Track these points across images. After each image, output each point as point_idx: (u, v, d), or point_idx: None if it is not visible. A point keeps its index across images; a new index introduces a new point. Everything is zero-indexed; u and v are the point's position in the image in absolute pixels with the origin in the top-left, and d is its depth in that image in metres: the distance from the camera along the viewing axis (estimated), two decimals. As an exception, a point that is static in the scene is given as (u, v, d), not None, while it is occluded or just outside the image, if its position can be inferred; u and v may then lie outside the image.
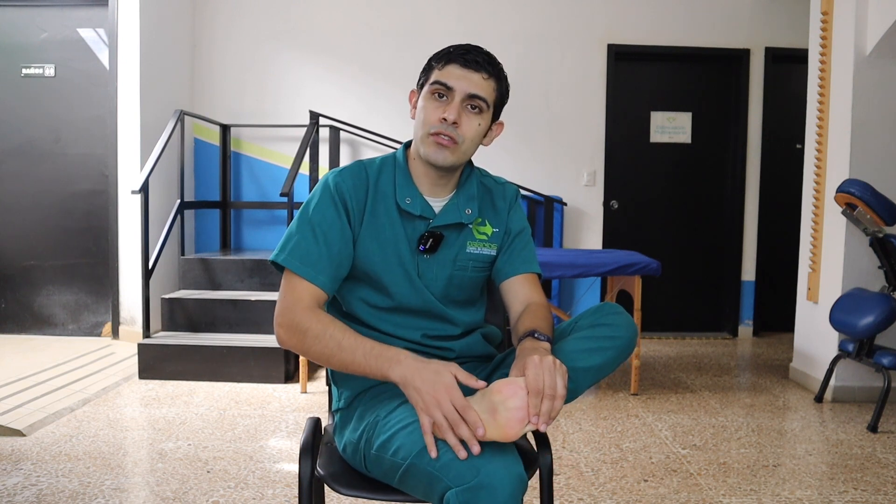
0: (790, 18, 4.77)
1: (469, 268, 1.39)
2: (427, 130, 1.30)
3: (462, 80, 1.29)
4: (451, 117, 1.27)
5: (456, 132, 1.29)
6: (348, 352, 1.19)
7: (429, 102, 1.31)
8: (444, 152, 1.30)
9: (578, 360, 1.23)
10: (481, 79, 1.30)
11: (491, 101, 1.32)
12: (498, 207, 1.44)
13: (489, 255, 1.41)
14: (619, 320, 1.28)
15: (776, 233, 4.95)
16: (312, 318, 1.23)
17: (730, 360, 4.26)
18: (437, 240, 1.35)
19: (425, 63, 1.36)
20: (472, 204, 1.39)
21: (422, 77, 1.36)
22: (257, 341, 3.63)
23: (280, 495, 2.21)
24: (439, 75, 1.30)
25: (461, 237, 1.38)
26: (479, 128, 1.32)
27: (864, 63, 3.26)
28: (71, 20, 4.37)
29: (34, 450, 2.57)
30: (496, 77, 1.32)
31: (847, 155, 3.31)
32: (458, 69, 1.29)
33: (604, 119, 4.84)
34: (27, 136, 4.43)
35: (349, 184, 1.33)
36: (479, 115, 1.31)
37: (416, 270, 1.35)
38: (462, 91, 1.29)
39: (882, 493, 2.29)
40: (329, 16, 4.80)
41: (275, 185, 4.81)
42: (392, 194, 1.35)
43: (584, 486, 2.31)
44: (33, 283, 4.48)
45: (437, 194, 1.38)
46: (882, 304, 2.99)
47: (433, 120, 1.29)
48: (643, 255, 3.47)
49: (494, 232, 1.42)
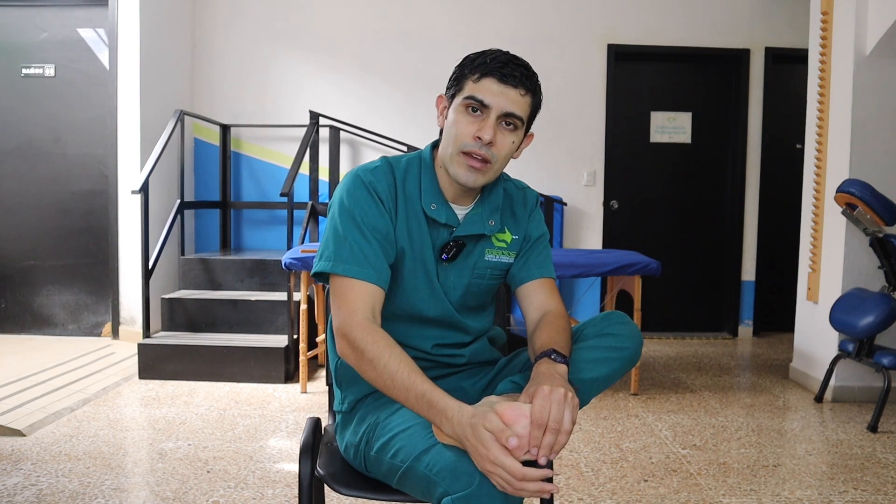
0: (790, 18, 4.77)
1: (487, 276, 1.37)
2: (459, 148, 1.24)
3: (499, 96, 1.21)
4: (487, 137, 1.21)
5: (490, 151, 1.23)
6: (401, 390, 1.13)
7: (462, 117, 1.24)
8: (475, 175, 1.25)
9: (584, 370, 1.21)
10: (519, 95, 1.23)
11: (526, 118, 1.27)
12: (517, 214, 1.41)
13: (507, 262, 1.39)
14: (625, 330, 1.25)
15: (776, 233, 4.95)
16: (368, 337, 1.16)
17: (730, 360, 4.26)
18: (459, 249, 1.32)
19: (456, 69, 1.28)
20: (495, 215, 1.36)
21: (452, 85, 1.28)
22: (257, 341, 3.62)
23: (280, 495, 2.21)
24: (474, 89, 1.23)
25: (480, 245, 1.36)
26: (513, 145, 1.27)
27: (864, 63, 3.26)
28: (71, 20, 4.37)
29: (34, 450, 2.57)
30: (532, 92, 1.25)
31: (847, 155, 3.31)
32: (495, 84, 1.22)
33: (604, 119, 4.84)
34: (27, 136, 4.43)
35: (381, 180, 1.28)
36: (514, 133, 1.26)
37: (437, 277, 1.33)
38: (499, 109, 1.22)
39: (882, 493, 2.29)
40: (329, 16, 4.80)
41: (275, 185, 4.81)
42: (418, 198, 1.31)
43: (584, 486, 2.31)
44: (33, 283, 4.48)
45: (461, 202, 1.34)
46: (882, 304, 2.99)
47: (467, 137, 1.23)
48: (643, 255, 3.47)
49: (514, 239, 1.39)
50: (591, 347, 1.24)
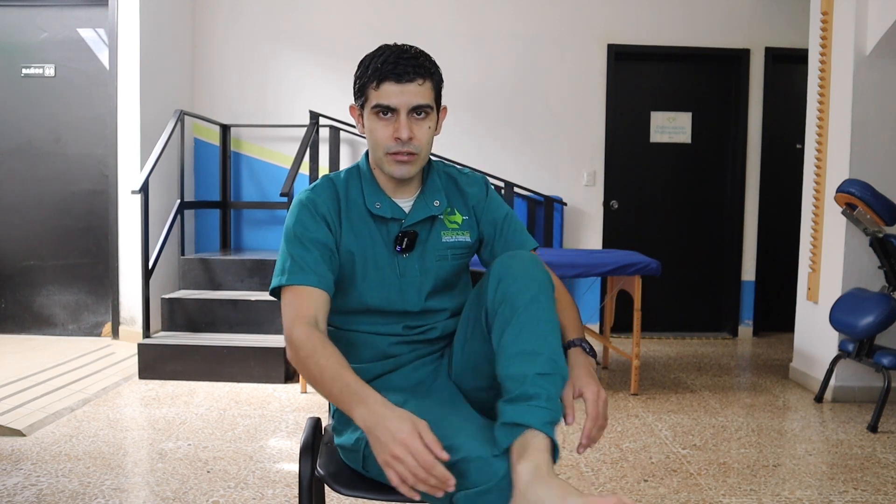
0: (790, 18, 4.77)
1: (449, 256, 1.41)
2: (384, 151, 1.32)
3: (402, 96, 1.28)
4: (405, 135, 1.28)
5: (412, 145, 1.30)
6: (328, 383, 1.16)
7: (376, 124, 1.32)
8: (406, 167, 1.32)
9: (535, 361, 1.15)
10: (418, 87, 1.29)
11: (433, 101, 1.32)
12: (466, 193, 1.45)
13: (465, 241, 1.43)
14: (516, 276, 1.21)
15: (776, 233, 4.95)
16: (304, 337, 1.20)
17: (730, 360, 4.26)
18: (411, 238, 1.37)
19: (355, 77, 1.35)
20: (438, 195, 1.41)
21: (358, 96, 1.35)
22: (257, 341, 3.62)
23: (280, 495, 2.21)
24: (377, 97, 1.29)
25: (434, 230, 1.40)
26: (430, 130, 1.34)
27: (864, 63, 3.26)
28: (71, 20, 4.37)
29: (34, 450, 2.57)
30: (430, 76, 1.31)
31: (847, 155, 3.30)
32: (393, 86, 1.28)
33: (604, 119, 4.83)
34: (27, 136, 4.43)
35: (322, 197, 1.36)
36: (427, 119, 1.32)
37: (398, 270, 1.37)
38: (406, 106, 1.28)
39: (882, 493, 2.29)
40: (329, 16, 4.79)
41: (275, 185, 4.81)
42: (362, 202, 1.38)
43: (585, 486, 2.31)
44: (33, 283, 4.48)
45: (403, 195, 1.40)
46: (882, 304, 2.99)
47: (387, 140, 1.31)
48: (643, 255, 3.47)
49: (464, 220, 1.44)
50: (516, 335, 1.17)
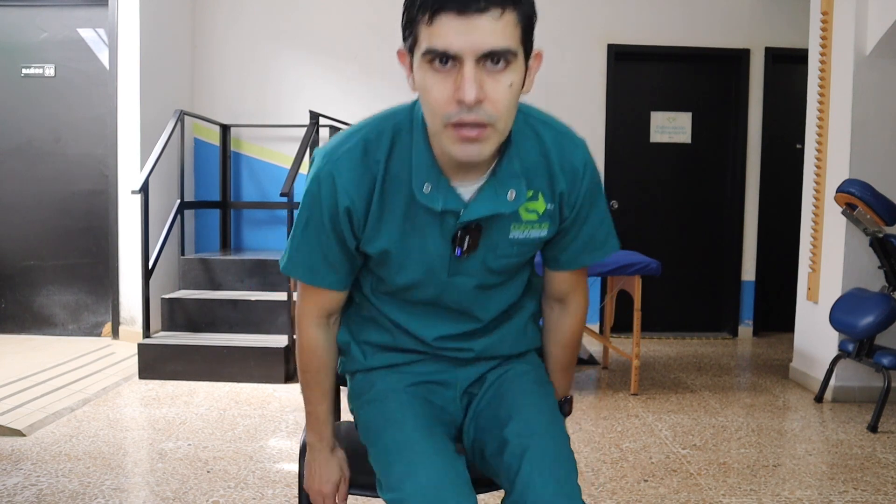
0: (790, 18, 4.77)
1: (514, 254, 1.09)
2: (442, 121, 0.92)
3: (466, 35, 0.87)
4: (471, 97, 0.88)
5: (483, 110, 0.89)
6: (306, 392, 1.23)
7: (430, 77, 0.91)
8: (473, 147, 0.92)
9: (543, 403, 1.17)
10: (493, 21, 0.87)
11: (518, 42, 0.91)
12: (555, 173, 1.05)
13: (538, 237, 1.09)
14: None
15: (776, 233, 4.95)
16: (305, 341, 1.20)
17: (730, 360, 4.26)
18: (475, 235, 1.03)
19: (404, 9, 0.94)
20: (515, 182, 1.01)
21: (406, 35, 0.95)
22: (257, 341, 3.62)
23: (280, 495, 2.21)
24: (431, 37, 0.89)
25: (502, 221, 1.05)
26: (513, 87, 0.92)
27: (864, 63, 3.26)
28: (71, 20, 4.37)
29: (34, 450, 2.57)
30: (513, 2, 0.89)
31: (847, 155, 3.30)
32: (454, 20, 0.87)
33: (604, 119, 4.83)
34: (27, 136, 4.43)
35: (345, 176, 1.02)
36: (508, 71, 0.90)
37: (447, 272, 1.09)
38: (473, 52, 0.87)
39: (882, 493, 2.29)
40: (329, 16, 4.79)
41: (275, 185, 4.81)
42: (408, 178, 1.02)
43: (584, 486, 2.31)
44: (33, 283, 4.48)
45: (467, 178, 1.02)
46: (882, 304, 2.99)
47: (444, 105, 0.90)
48: (643, 255, 3.47)
49: (547, 209, 1.07)
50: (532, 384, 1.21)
